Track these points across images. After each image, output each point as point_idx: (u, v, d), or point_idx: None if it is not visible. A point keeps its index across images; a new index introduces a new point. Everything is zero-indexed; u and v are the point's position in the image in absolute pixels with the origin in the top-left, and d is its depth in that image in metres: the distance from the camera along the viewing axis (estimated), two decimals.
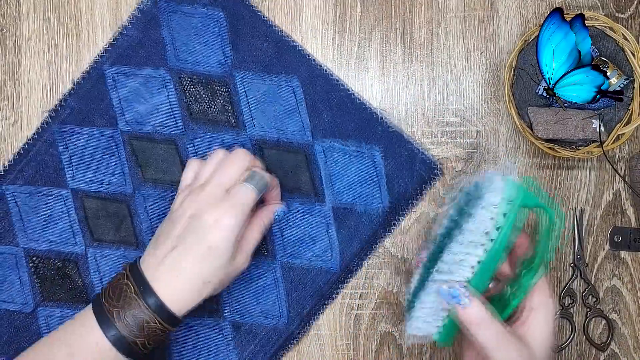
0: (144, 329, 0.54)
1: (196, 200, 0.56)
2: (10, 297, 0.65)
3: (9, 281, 0.65)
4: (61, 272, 0.65)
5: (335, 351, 0.67)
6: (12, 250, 0.65)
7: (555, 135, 0.63)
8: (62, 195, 0.65)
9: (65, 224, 0.65)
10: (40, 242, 0.65)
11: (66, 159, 0.65)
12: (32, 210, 0.65)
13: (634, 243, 0.67)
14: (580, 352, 0.68)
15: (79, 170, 0.65)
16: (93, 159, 0.65)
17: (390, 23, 0.67)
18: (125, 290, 0.55)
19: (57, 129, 0.65)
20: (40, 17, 0.67)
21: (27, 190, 0.65)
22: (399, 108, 0.67)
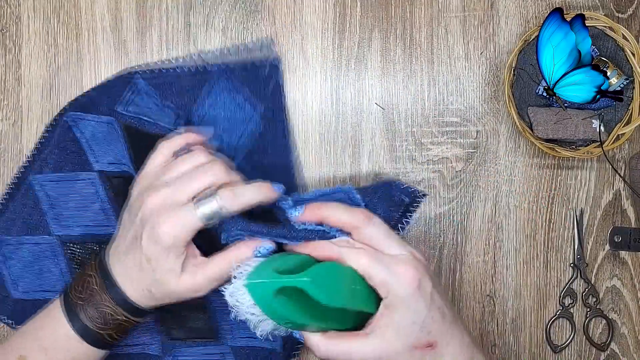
0: (109, 321, 0.54)
1: (154, 198, 0.53)
2: (52, 286, 0.64)
3: (48, 270, 0.64)
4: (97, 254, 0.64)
5: None
6: (47, 239, 0.64)
7: (555, 135, 0.63)
8: (90, 178, 0.63)
9: (97, 206, 0.63)
10: (74, 227, 0.63)
11: (84, 143, 0.63)
12: (62, 197, 0.63)
13: (634, 243, 0.67)
14: (580, 352, 0.68)
15: (99, 153, 0.63)
16: (106, 140, 0.63)
17: (390, 23, 0.67)
18: (89, 282, 0.55)
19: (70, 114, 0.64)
20: (40, 17, 0.67)
21: (55, 177, 0.63)
22: (399, 108, 0.67)
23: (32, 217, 0.64)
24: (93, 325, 0.54)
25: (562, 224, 0.67)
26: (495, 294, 0.67)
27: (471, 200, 0.67)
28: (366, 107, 0.67)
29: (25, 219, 0.64)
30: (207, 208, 0.52)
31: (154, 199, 0.53)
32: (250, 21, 0.67)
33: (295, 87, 0.67)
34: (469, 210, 0.67)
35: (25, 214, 0.64)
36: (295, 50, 0.67)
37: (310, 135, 0.67)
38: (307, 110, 0.67)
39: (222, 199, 0.53)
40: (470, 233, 0.67)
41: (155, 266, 0.53)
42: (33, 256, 0.64)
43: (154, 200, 0.53)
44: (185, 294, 0.54)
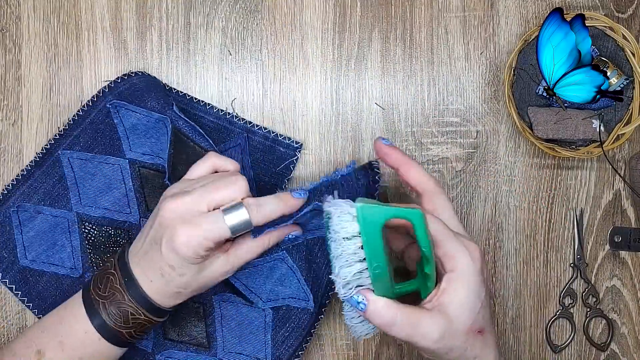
0: (129, 320, 0.54)
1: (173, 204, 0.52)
2: (60, 261, 0.65)
3: (60, 244, 0.65)
4: (112, 239, 0.64)
5: (335, 351, 0.67)
6: (65, 214, 0.64)
7: (555, 135, 0.63)
8: (119, 164, 0.64)
9: (121, 192, 0.64)
10: (94, 208, 0.64)
11: (122, 131, 0.64)
12: (88, 177, 0.64)
13: (634, 243, 0.67)
14: (580, 352, 0.68)
15: (135, 143, 0.64)
16: (147, 134, 0.64)
17: (390, 23, 0.67)
18: (111, 280, 0.55)
19: (111, 100, 0.64)
20: (40, 17, 0.67)
21: (84, 156, 0.64)
22: (399, 108, 0.67)
23: (55, 189, 0.65)
24: (113, 323, 0.54)
25: (562, 224, 0.67)
26: (495, 294, 0.67)
27: (471, 200, 0.67)
28: (366, 107, 0.67)
29: (47, 190, 0.65)
30: (235, 218, 0.51)
31: (174, 205, 0.52)
32: (250, 21, 0.67)
33: (295, 87, 0.67)
34: (469, 210, 0.67)
35: (49, 185, 0.65)
36: (295, 50, 0.67)
37: (310, 135, 0.67)
38: (307, 110, 0.67)
39: (250, 210, 0.52)
40: (470, 233, 0.67)
41: (181, 271, 0.53)
42: (49, 227, 0.65)
43: (173, 206, 0.52)
44: (218, 279, 0.55)
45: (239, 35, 0.67)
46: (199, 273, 0.53)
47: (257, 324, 0.64)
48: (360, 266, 0.49)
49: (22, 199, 0.65)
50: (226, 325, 0.64)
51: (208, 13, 0.67)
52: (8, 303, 0.66)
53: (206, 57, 0.67)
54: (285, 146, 0.66)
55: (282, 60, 0.67)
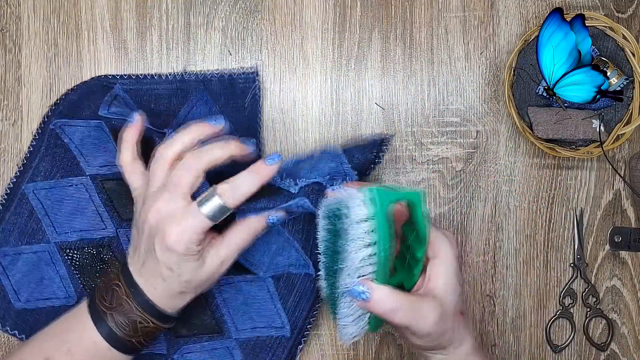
0: (138, 328, 0.55)
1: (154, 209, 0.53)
2: (53, 293, 0.64)
3: (48, 278, 0.64)
4: (97, 258, 0.64)
5: (335, 351, 0.67)
6: (44, 247, 0.64)
7: (555, 135, 0.63)
8: (82, 182, 0.64)
9: (92, 210, 0.64)
10: (70, 233, 0.64)
11: (74, 148, 0.64)
12: (56, 204, 0.64)
13: (634, 243, 0.67)
14: (580, 352, 0.68)
15: (89, 157, 0.64)
16: (96, 145, 0.64)
17: (390, 23, 0.67)
18: (116, 291, 0.55)
19: (55, 121, 0.64)
20: (40, 17, 0.67)
21: (47, 185, 0.64)
22: (399, 108, 0.67)
23: (28, 225, 0.64)
24: (122, 332, 0.54)
25: (562, 224, 0.67)
26: (495, 294, 0.67)
27: (471, 200, 0.67)
28: (366, 107, 0.67)
29: (21, 229, 0.64)
30: (210, 206, 0.53)
31: (154, 211, 0.53)
32: (250, 21, 0.67)
33: (295, 87, 0.67)
34: (469, 210, 0.67)
35: (21, 224, 0.64)
36: (295, 50, 0.67)
37: (310, 135, 0.67)
38: (307, 110, 0.67)
39: (223, 196, 0.53)
40: (470, 233, 0.67)
41: (180, 272, 0.53)
42: (32, 265, 0.64)
43: (154, 212, 0.53)
44: (217, 271, 0.55)
45: (239, 35, 0.67)
46: (197, 269, 0.54)
47: (261, 296, 0.64)
48: (368, 251, 0.49)
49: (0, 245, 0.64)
50: (232, 307, 0.64)
51: (208, 13, 0.67)
52: None
53: (206, 57, 0.67)
54: (242, 79, 0.66)
55: (282, 60, 0.67)
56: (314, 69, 0.67)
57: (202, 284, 0.55)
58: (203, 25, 0.67)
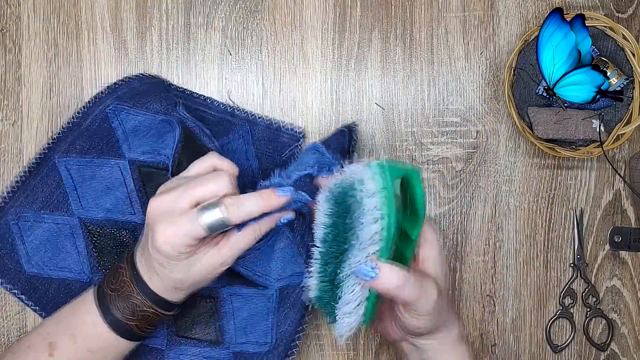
0: (137, 313, 0.55)
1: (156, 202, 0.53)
2: (67, 266, 0.65)
3: (65, 251, 0.65)
4: (118, 240, 0.64)
5: (335, 351, 0.67)
6: (67, 220, 0.64)
7: (555, 135, 0.63)
8: (119, 165, 0.64)
9: (123, 193, 0.64)
10: (96, 211, 0.64)
11: (121, 133, 0.64)
12: (87, 180, 0.64)
13: (634, 243, 0.67)
14: (580, 352, 0.68)
15: (135, 143, 0.64)
16: (148, 134, 0.64)
17: (390, 23, 0.67)
18: (121, 274, 0.56)
19: (109, 104, 0.64)
20: (40, 17, 0.67)
21: (81, 162, 0.64)
22: (399, 108, 0.67)
23: (54, 196, 0.64)
24: (122, 316, 0.55)
25: (562, 224, 0.67)
26: (495, 294, 0.67)
27: (471, 200, 0.67)
28: (366, 107, 0.67)
29: (46, 197, 0.64)
30: (210, 216, 0.51)
31: (156, 203, 0.53)
32: (250, 21, 0.67)
33: (295, 87, 0.67)
34: (469, 210, 0.67)
35: (47, 192, 0.65)
36: (295, 50, 0.67)
37: (310, 135, 0.67)
38: (307, 110, 0.67)
39: (227, 209, 0.52)
40: (470, 233, 0.67)
41: (170, 269, 0.53)
42: (51, 234, 0.64)
43: (156, 204, 0.53)
44: (215, 271, 0.55)
45: (239, 35, 0.67)
46: (189, 268, 0.53)
47: (263, 310, 0.64)
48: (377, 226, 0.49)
49: (21, 209, 0.64)
50: (237, 318, 0.64)
51: (208, 13, 0.67)
52: (8, 303, 0.66)
53: (206, 57, 0.67)
54: (288, 134, 0.66)
55: (282, 60, 0.67)
56: (314, 69, 0.67)
57: (196, 282, 0.55)
58: (203, 25, 0.67)
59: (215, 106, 0.66)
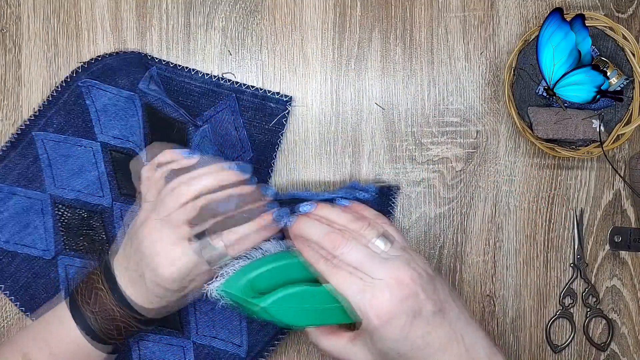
0: (116, 325, 0.55)
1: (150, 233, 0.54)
2: (33, 242, 0.65)
3: (33, 226, 0.65)
4: (86, 222, 0.65)
5: None
6: (39, 195, 0.65)
7: (555, 135, 0.63)
8: (92, 147, 0.64)
9: (94, 175, 0.65)
10: (67, 190, 0.65)
11: (93, 112, 0.64)
12: (62, 159, 0.65)
13: (634, 243, 0.67)
14: (580, 352, 0.68)
15: (106, 125, 0.64)
16: (117, 116, 0.64)
17: (390, 23, 0.67)
18: (96, 287, 0.56)
19: (84, 79, 0.64)
20: (40, 17, 0.67)
21: (57, 138, 0.65)
22: (399, 108, 0.67)
23: (30, 170, 0.65)
24: (99, 329, 0.55)
25: (562, 224, 0.67)
26: (495, 294, 0.67)
27: (471, 200, 0.67)
28: (366, 107, 0.67)
29: (22, 171, 0.65)
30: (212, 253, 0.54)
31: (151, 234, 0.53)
32: (250, 21, 0.67)
33: (295, 87, 0.67)
34: (469, 210, 0.67)
35: (24, 166, 0.65)
36: (295, 50, 0.67)
37: (310, 135, 0.67)
38: (307, 110, 0.67)
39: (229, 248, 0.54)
40: (470, 233, 0.67)
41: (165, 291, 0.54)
42: (22, 208, 0.65)
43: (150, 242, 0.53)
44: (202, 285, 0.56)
45: (239, 35, 0.67)
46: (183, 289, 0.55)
47: (230, 309, 0.64)
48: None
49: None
50: (199, 309, 0.64)
51: (208, 13, 0.67)
52: (8, 303, 0.66)
53: (206, 57, 0.67)
54: (275, 101, 0.66)
55: (282, 60, 0.67)
56: (314, 69, 0.67)
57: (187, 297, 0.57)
58: (203, 25, 0.67)
59: (200, 77, 0.66)
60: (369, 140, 0.67)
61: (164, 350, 0.64)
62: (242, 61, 0.67)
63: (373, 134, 0.67)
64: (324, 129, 0.67)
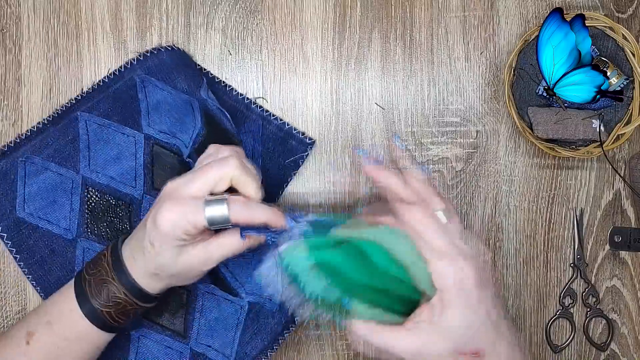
0: (113, 301, 0.55)
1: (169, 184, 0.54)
2: (56, 220, 0.65)
3: (60, 204, 0.65)
4: (112, 209, 0.65)
5: (335, 351, 0.67)
6: (71, 175, 0.65)
7: (555, 135, 0.63)
8: (135, 136, 0.65)
9: (130, 165, 0.65)
10: (100, 175, 0.65)
11: (144, 107, 0.64)
12: (101, 143, 0.65)
13: (634, 243, 0.67)
14: (580, 352, 0.68)
15: (154, 120, 0.64)
16: (170, 113, 0.64)
17: (390, 23, 0.67)
18: (101, 260, 0.56)
19: (140, 74, 0.65)
20: (40, 17, 0.67)
21: (102, 122, 0.65)
22: (399, 108, 0.67)
23: (67, 148, 0.65)
24: (98, 304, 0.55)
25: (562, 224, 0.67)
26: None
27: (471, 200, 0.67)
28: (366, 107, 0.67)
29: (59, 148, 0.65)
30: (214, 211, 0.52)
31: (171, 184, 0.54)
32: (250, 21, 0.67)
33: (295, 87, 0.67)
34: (469, 210, 0.67)
35: (61, 143, 0.65)
36: (295, 50, 0.67)
37: (310, 135, 0.67)
38: (307, 110, 0.67)
39: (232, 206, 0.52)
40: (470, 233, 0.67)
41: (159, 251, 0.53)
42: (52, 184, 0.65)
43: (170, 184, 0.54)
44: (197, 267, 0.55)
45: (239, 35, 0.67)
46: (176, 257, 0.54)
47: (232, 319, 0.64)
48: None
49: (32, 152, 0.65)
50: (204, 317, 0.64)
51: (208, 13, 0.67)
52: (8, 303, 0.66)
53: (206, 57, 0.67)
54: (298, 140, 0.66)
55: (282, 60, 0.67)
56: (314, 69, 0.67)
57: (178, 274, 0.55)
58: (203, 25, 0.67)
59: (234, 95, 0.67)
60: (369, 140, 0.67)
61: (162, 352, 0.64)
62: (242, 61, 0.67)
63: (373, 134, 0.67)
64: (324, 129, 0.67)
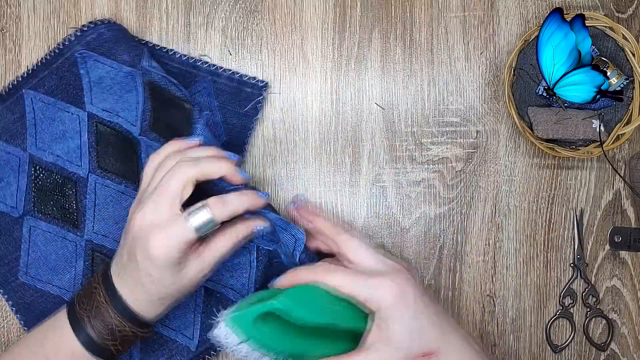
0: (115, 334, 0.54)
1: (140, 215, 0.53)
2: (3, 197, 0.65)
3: (7, 181, 0.65)
4: (59, 188, 0.65)
5: None
6: (19, 153, 0.65)
7: (555, 135, 0.63)
8: (78, 115, 0.64)
9: (75, 143, 0.64)
10: (47, 153, 0.65)
11: (86, 83, 0.64)
12: (47, 121, 0.64)
13: (634, 243, 0.67)
14: (580, 352, 0.68)
15: (97, 97, 0.64)
16: (112, 89, 0.64)
17: (390, 23, 0.67)
18: (95, 295, 0.55)
19: (80, 50, 0.64)
20: (40, 17, 0.67)
21: (46, 100, 0.65)
22: (399, 108, 0.67)
23: (14, 126, 0.65)
24: (99, 338, 0.54)
25: (562, 224, 0.67)
26: (495, 294, 0.67)
27: (471, 200, 0.67)
28: (366, 107, 0.67)
29: (6, 125, 0.65)
30: (198, 219, 0.52)
31: (139, 215, 0.53)
32: (250, 21, 0.67)
33: (295, 87, 0.67)
34: (469, 210, 0.67)
35: (9, 121, 0.65)
36: (295, 50, 0.67)
37: (310, 135, 0.67)
38: (307, 110, 0.67)
39: (213, 209, 0.53)
40: (470, 233, 0.67)
41: (159, 278, 0.53)
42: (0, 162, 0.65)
43: (139, 216, 0.53)
44: (197, 277, 0.55)
45: (239, 35, 0.67)
46: (176, 277, 0.53)
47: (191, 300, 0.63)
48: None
49: None
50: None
51: (208, 13, 0.67)
52: (8, 303, 0.66)
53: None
54: (251, 86, 0.66)
55: (282, 60, 0.67)
56: (314, 69, 0.67)
57: (181, 290, 0.55)
58: (203, 25, 0.67)
59: (178, 58, 0.66)
60: (369, 140, 0.67)
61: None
62: (242, 61, 0.67)
63: (373, 134, 0.67)
64: (324, 129, 0.67)
